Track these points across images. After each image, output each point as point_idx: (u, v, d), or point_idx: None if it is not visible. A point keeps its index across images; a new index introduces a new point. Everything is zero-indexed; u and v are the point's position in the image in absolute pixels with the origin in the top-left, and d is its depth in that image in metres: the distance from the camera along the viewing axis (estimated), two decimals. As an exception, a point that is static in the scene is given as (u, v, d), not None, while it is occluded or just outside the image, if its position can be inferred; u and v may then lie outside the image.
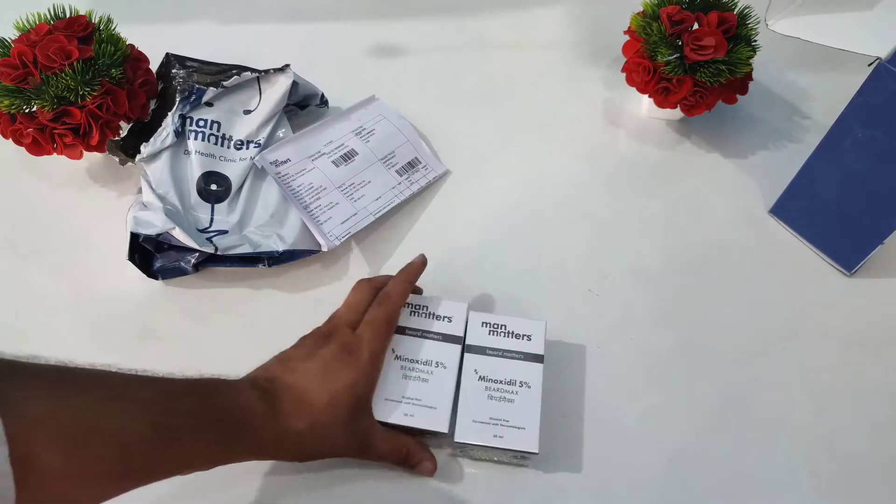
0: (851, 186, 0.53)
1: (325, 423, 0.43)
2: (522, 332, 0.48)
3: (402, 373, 0.47)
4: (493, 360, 0.48)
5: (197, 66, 0.62)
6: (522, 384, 0.47)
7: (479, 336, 0.48)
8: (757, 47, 0.60)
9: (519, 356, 0.48)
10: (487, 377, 0.47)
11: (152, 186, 0.56)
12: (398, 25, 0.75)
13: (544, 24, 0.75)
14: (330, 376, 0.44)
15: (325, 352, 0.45)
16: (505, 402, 0.46)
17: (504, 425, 0.45)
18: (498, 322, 0.49)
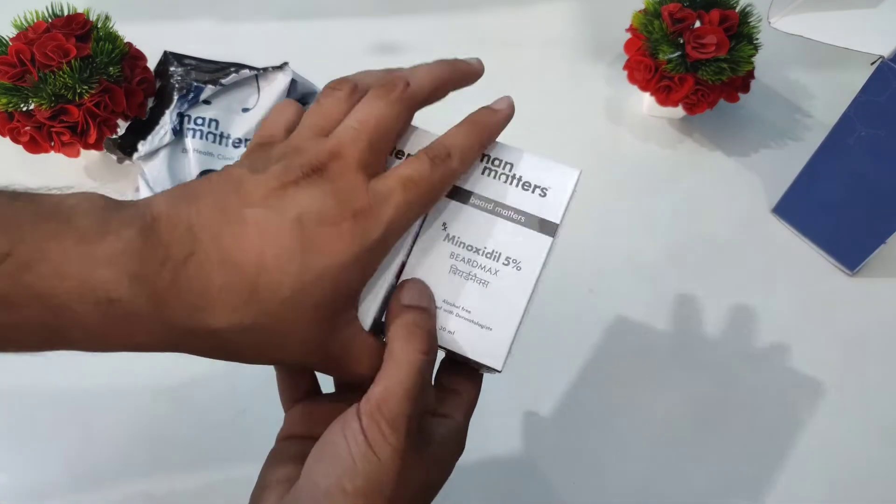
0: (854, 185, 0.52)
1: (279, 323, 0.26)
2: (537, 180, 0.32)
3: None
4: (475, 214, 0.31)
5: (195, 63, 0.62)
6: (511, 262, 0.31)
7: (467, 172, 0.32)
8: (759, 45, 0.59)
9: (519, 217, 0.32)
10: (458, 238, 0.31)
11: (150, 185, 0.56)
12: (398, 23, 0.74)
13: (545, 22, 0.75)
14: (308, 245, 0.26)
15: (304, 197, 0.26)
16: (474, 281, 0.31)
17: (461, 316, 0.31)
18: (501, 156, 0.32)
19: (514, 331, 0.31)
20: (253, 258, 0.26)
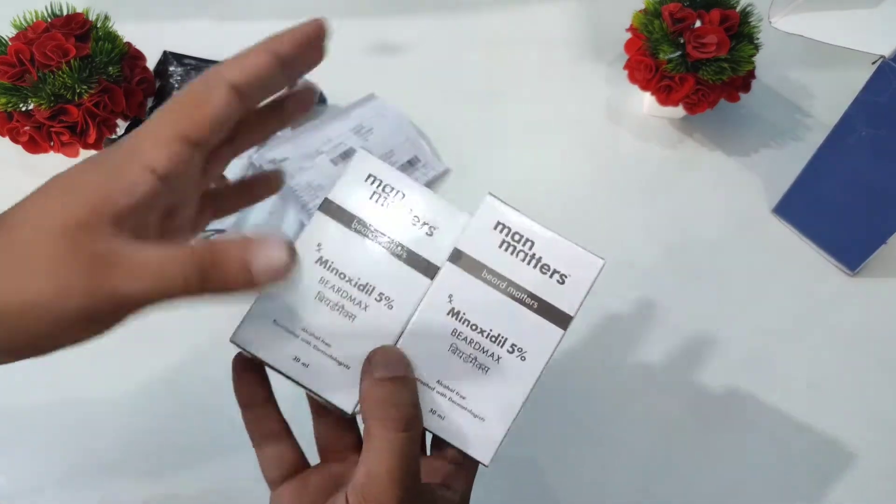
0: (855, 185, 0.52)
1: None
2: (558, 265, 0.29)
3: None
4: (485, 291, 0.29)
5: (194, 63, 0.61)
6: (516, 350, 0.28)
7: (482, 243, 0.29)
8: (759, 45, 0.59)
9: (532, 303, 0.29)
10: (464, 315, 0.28)
11: (150, 185, 0.56)
12: (398, 23, 0.74)
13: (545, 22, 0.75)
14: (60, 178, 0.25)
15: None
16: (474, 365, 0.28)
17: (455, 402, 0.28)
18: (523, 231, 0.29)
19: (507, 426, 0.28)
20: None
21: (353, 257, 0.29)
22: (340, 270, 0.29)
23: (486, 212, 0.30)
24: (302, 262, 0.28)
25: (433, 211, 0.30)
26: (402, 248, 0.29)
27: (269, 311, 0.28)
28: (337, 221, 0.29)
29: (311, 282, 0.29)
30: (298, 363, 0.28)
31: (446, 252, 0.29)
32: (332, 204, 0.29)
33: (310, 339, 0.28)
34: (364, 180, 0.30)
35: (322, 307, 0.28)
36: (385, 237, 0.29)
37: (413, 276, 0.29)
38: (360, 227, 0.29)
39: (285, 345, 0.28)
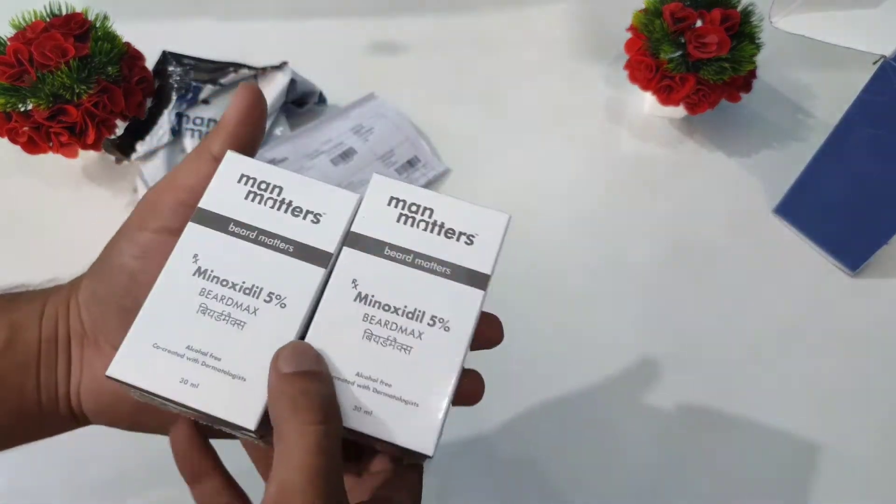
0: (856, 186, 0.52)
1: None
2: (462, 226, 0.28)
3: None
4: (391, 268, 0.27)
5: (194, 63, 0.61)
6: (437, 322, 0.26)
7: (377, 221, 0.28)
8: (761, 45, 0.59)
9: (444, 270, 0.27)
10: (372, 297, 0.27)
11: (148, 185, 0.56)
12: (397, 22, 0.74)
13: (545, 21, 0.75)
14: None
15: None
16: (394, 348, 0.26)
17: (380, 392, 0.25)
18: (420, 201, 0.28)
19: (445, 405, 0.25)
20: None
21: (235, 262, 0.27)
22: (222, 278, 0.26)
23: (375, 190, 0.28)
24: (177, 277, 0.26)
25: (316, 198, 0.28)
26: (288, 242, 0.27)
27: (147, 336, 0.26)
28: (212, 228, 0.27)
29: (191, 295, 0.26)
30: (186, 385, 0.25)
31: (337, 236, 0.27)
32: (203, 212, 0.27)
33: (196, 356, 0.25)
34: (237, 182, 0.28)
35: (206, 320, 0.26)
36: (267, 235, 0.27)
37: (304, 268, 0.27)
38: (239, 229, 0.27)
39: (169, 368, 0.25)
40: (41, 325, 0.29)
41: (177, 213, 0.28)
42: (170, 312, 0.26)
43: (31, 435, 0.29)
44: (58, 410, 0.29)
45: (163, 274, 0.26)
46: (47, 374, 0.28)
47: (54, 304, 0.29)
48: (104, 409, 0.29)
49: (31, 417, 0.28)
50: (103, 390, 0.28)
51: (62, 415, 0.29)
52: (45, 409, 0.28)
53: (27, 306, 0.29)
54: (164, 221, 0.28)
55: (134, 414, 0.29)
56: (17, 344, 0.28)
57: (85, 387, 0.28)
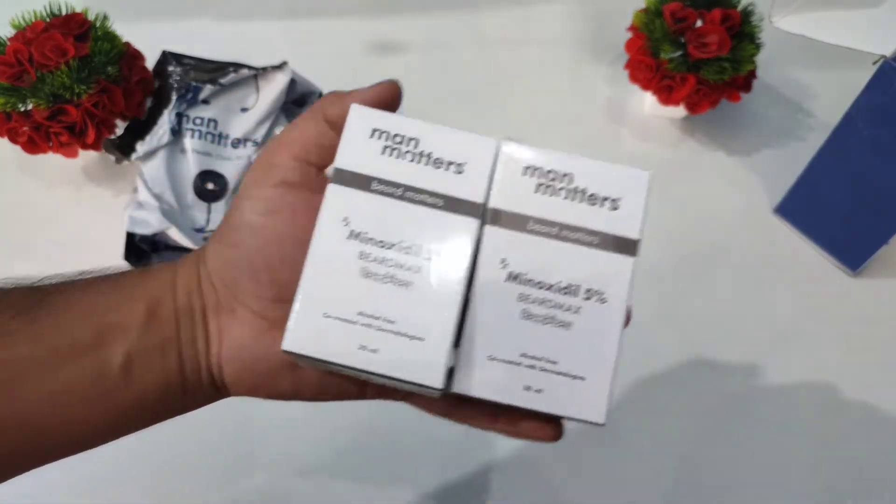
0: (856, 186, 0.52)
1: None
2: (604, 190, 0.27)
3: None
4: (538, 243, 0.26)
5: (194, 63, 0.61)
6: (593, 294, 0.26)
7: (515, 192, 0.27)
8: (761, 44, 0.59)
9: (591, 239, 0.26)
10: (524, 276, 0.26)
11: (148, 185, 0.55)
12: (397, 22, 0.74)
13: (545, 21, 0.75)
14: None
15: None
16: (554, 325, 0.26)
17: (547, 370, 0.26)
18: (557, 167, 0.27)
19: (611, 375, 0.26)
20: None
21: (387, 221, 0.26)
22: (378, 239, 0.26)
23: (508, 160, 0.27)
24: (331, 243, 0.26)
25: (455, 147, 0.27)
26: (436, 197, 0.26)
27: (315, 305, 0.26)
28: (355, 189, 0.27)
29: (351, 259, 0.26)
30: (366, 351, 0.25)
31: (483, 184, 0.26)
32: (342, 172, 0.27)
33: (370, 321, 0.26)
34: (369, 137, 0.27)
35: (371, 283, 0.26)
36: (413, 191, 0.26)
37: (458, 220, 0.26)
38: (383, 187, 0.27)
39: (345, 336, 0.25)
40: (176, 298, 0.28)
41: (293, 168, 0.28)
42: (333, 280, 0.26)
43: (176, 410, 0.29)
44: (201, 383, 0.28)
45: (315, 241, 0.26)
46: (188, 349, 0.28)
47: (184, 276, 0.29)
48: (244, 378, 0.28)
49: (175, 393, 0.28)
50: (244, 358, 0.28)
51: (205, 387, 0.29)
52: (188, 383, 0.28)
53: (159, 281, 0.28)
54: (283, 176, 0.28)
55: (272, 380, 0.28)
56: (156, 320, 0.27)
57: (225, 357, 0.28)
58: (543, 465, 0.48)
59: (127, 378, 0.27)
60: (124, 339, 0.27)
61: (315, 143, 0.28)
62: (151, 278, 0.29)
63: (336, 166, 0.27)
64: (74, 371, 0.26)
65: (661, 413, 0.50)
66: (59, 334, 0.26)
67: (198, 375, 0.28)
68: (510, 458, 0.49)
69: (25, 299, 0.27)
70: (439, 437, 0.49)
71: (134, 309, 0.27)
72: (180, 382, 0.28)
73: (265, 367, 0.28)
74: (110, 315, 0.27)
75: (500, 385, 0.26)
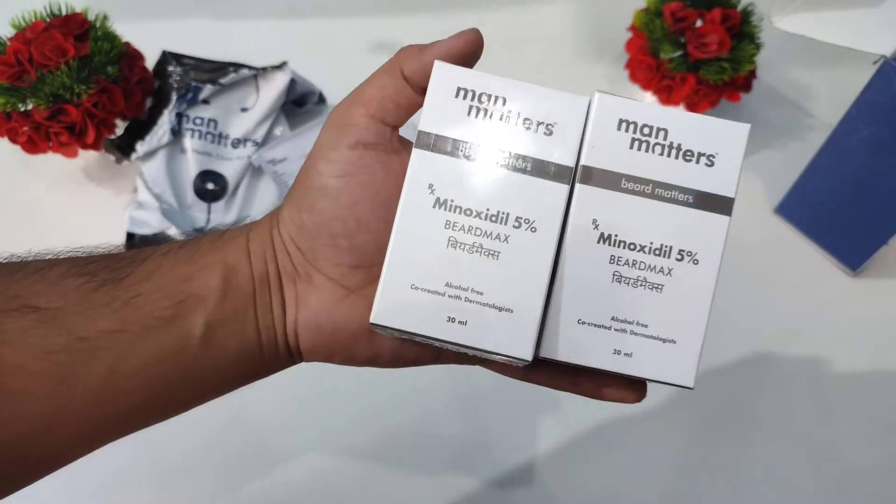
0: (857, 186, 0.52)
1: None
2: (701, 145, 0.26)
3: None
4: (631, 203, 0.25)
5: (194, 63, 0.61)
6: (685, 255, 0.25)
7: (609, 150, 0.26)
8: (761, 44, 0.59)
9: (686, 198, 0.26)
10: (617, 237, 0.25)
11: (148, 185, 0.56)
12: (397, 22, 0.74)
13: (545, 21, 0.75)
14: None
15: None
16: (646, 287, 0.25)
17: (637, 333, 0.26)
18: (653, 121, 0.26)
19: (701, 339, 0.26)
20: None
21: (473, 187, 0.25)
22: (465, 207, 0.25)
23: (602, 113, 0.25)
24: (417, 212, 0.25)
25: (545, 106, 0.26)
26: (524, 160, 0.25)
27: (402, 277, 0.25)
28: (440, 153, 0.25)
29: (437, 229, 0.25)
30: (455, 323, 0.25)
31: (574, 148, 0.25)
32: (427, 136, 0.26)
33: (458, 292, 0.25)
34: (455, 97, 0.26)
35: (459, 254, 0.25)
36: (500, 153, 0.25)
37: (546, 186, 0.25)
38: (469, 150, 0.25)
39: (433, 308, 0.25)
40: (251, 265, 0.28)
41: (369, 128, 0.27)
42: (419, 250, 0.25)
43: (252, 377, 0.29)
44: (277, 351, 0.28)
45: (401, 210, 0.25)
46: (264, 317, 0.27)
47: (259, 241, 0.28)
48: (321, 345, 0.28)
49: (252, 360, 0.28)
50: (321, 326, 0.27)
51: (281, 354, 0.28)
52: (265, 351, 0.28)
53: (234, 247, 0.28)
54: (358, 136, 0.27)
55: (349, 348, 0.28)
56: (233, 288, 0.27)
57: (302, 324, 0.28)
58: (543, 464, 0.48)
59: (207, 348, 0.27)
60: (203, 309, 0.26)
61: (392, 102, 0.27)
62: (226, 244, 0.28)
63: (421, 129, 0.26)
64: (156, 344, 0.26)
65: (660, 413, 0.50)
66: (140, 307, 0.26)
67: (274, 343, 0.28)
68: (510, 461, 0.49)
69: (105, 269, 0.27)
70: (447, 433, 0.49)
71: (210, 277, 0.27)
72: (258, 350, 0.28)
73: (343, 336, 0.28)
74: (188, 285, 0.27)
75: (588, 349, 0.25)
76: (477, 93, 0.26)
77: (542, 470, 0.48)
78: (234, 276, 0.27)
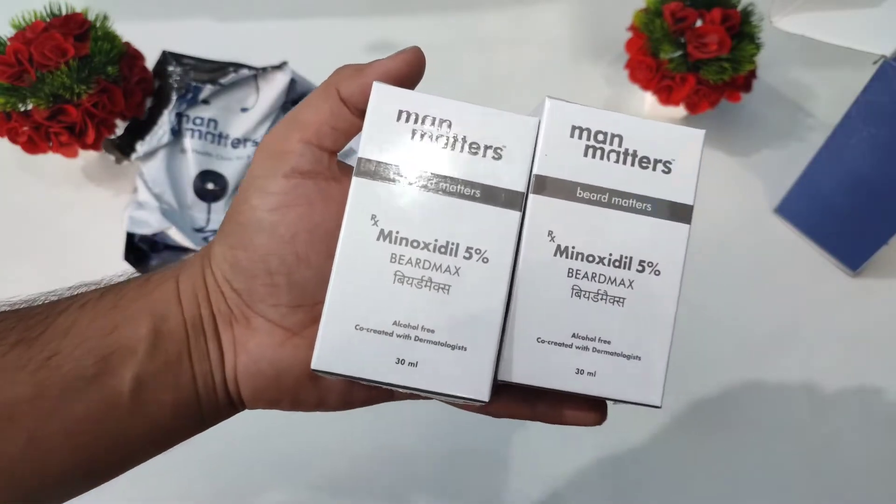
0: (856, 186, 0.52)
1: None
2: (657, 151, 0.25)
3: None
4: (588, 212, 0.24)
5: (194, 63, 0.61)
6: (646, 266, 0.24)
7: (563, 158, 0.25)
8: (761, 44, 0.59)
9: (644, 206, 0.25)
10: (573, 249, 0.24)
11: (148, 185, 0.55)
12: (397, 22, 0.74)
13: (545, 21, 0.75)
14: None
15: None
16: (607, 301, 0.24)
17: (600, 350, 0.24)
18: (608, 127, 0.25)
19: (667, 353, 0.24)
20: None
21: (420, 217, 0.24)
22: (411, 238, 0.24)
23: (553, 120, 0.25)
24: (360, 245, 0.23)
25: (493, 128, 0.25)
26: (473, 186, 0.24)
27: (345, 318, 0.23)
28: (382, 181, 0.24)
29: (382, 263, 0.23)
30: (404, 365, 0.23)
31: (525, 171, 0.24)
32: (368, 162, 0.24)
33: (407, 331, 0.23)
34: (396, 120, 0.24)
35: (407, 289, 0.23)
36: (447, 180, 0.24)
37: (497, 213, 0.24)
38: (414, 177, 0.24)
39: (380, 349, 0.23)
40: (183, 311, 0.26)
41: (304, 155, 0.25)
42: (363, 287, 0.23)
43: (192, 430, 0.27)
44: (217, 400, 0.26)
45: (342, 244, 0.24)
46: (200, 365, 0.26)
47: (189, 282, 0.26)
48: (264, 393, 0.26)
49: (190, 413, 0.26)
50: (262, 372, 0.26)
51: (221, 404, 0.26)
52: (203, 402, 0.26)
53: (161, 292, 0.26)
54: (293, 164, 0.25)
55: (294, 394, 0.26)
56: (164, 337, 0.25)
57: (242, 371, 0.26)
58: (542, 466, 0.48)
59: (139, 404, 0.25)
60: (131, 363, 0.24)
61: (330, 126, 0.25)
62: (154, 290, 0.26)
63: (360, 155, 0.24)
64: (80, 406, 0.24)
65: (657, 412, 0.50)
66: (58, 367, 0.24)
67: (213, 392, 0.26)
68: (506, 457, 0.49)
69: (15, 329, 0.25)
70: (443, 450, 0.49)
71: (138, 327, 0.25)
72: (195, 401, 0.26)
73: (287, 381, 0.26)
74: (113, 337, 0.25)
75: (549, 370, 0.24)
76: (420, 116, 0.24)
77: (541, 469, 0.48)
78: (163, 324, 0.25)
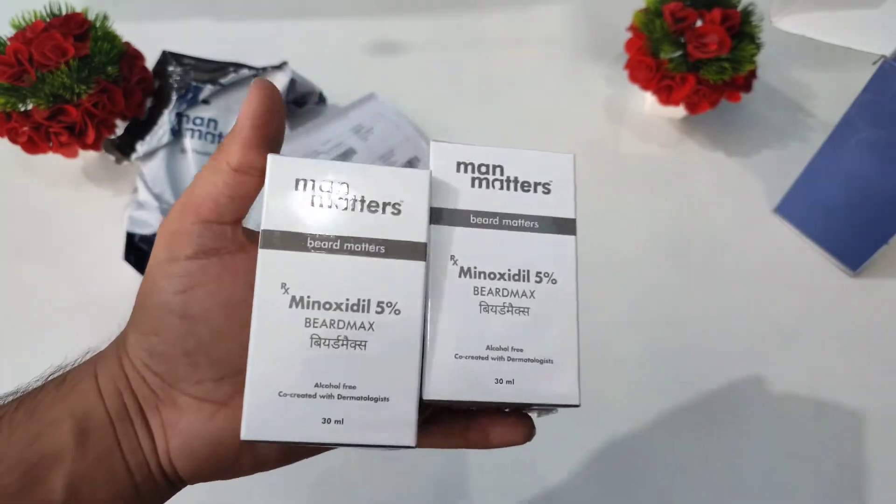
0: (856, 186, 0.52)
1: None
2: (535, 176, 0.28)
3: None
4: (483, 235, 0.27)
5: (194, 63, 0.61)
6: (543, 277, 0.27)
7: (453, 191, 0.27)
8: (761, 44, 0.59)
9: (531, 224, 0.27)
10: (475, 269, 0.26)
11: (148, 185, 0.56)
12: (397, 22, 0.74)
13: (545, 21, 0.75)
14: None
15: None
16: (513, 313, 0.26)
17: (515, 359, 0.26)
18: (487, 160, 0.28)
19: (576, 354, 0.26)
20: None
21: (329, 279, 0.25)
22: (323, 301, 0.25)
23: (439, 159, 0.27)
24: (273, 315, 0.24)
25: (388, 185, 0.26)
26: (377, 243, 0.25)
27: (267, 386, 0.24)
28: (288, 250, 0.25)
29: (298, 329, 0.24)
30: (331, 423, 0.24)
31: (424, 221, 0.26)
32: (271, 234, 0.25)
33: (330, 391, 0.24)
34: (294, 189, 0.25)
35: (324, 350, 0.25)
36: (351, 240, 0.25)
37: (404, 266, 0.25)
38: (318, 242, 0.25)
39: (306, 412, 0.24)
40: (105, 405, 0.25)
41: (204, 234, 0.25)
42: (281, 355, 0.24)
43: None
44: (156, 486, 0.26)
45: (255, 316, 0.24)
46: (133, 454, 0.25)
47: (107, 373, 0.26)
48: (201, 469, 0.26)
49: (130, 502, 0.26)
50: (196, 450, 0.26)
51: (161, 488, 0.26)
52: (142, 491, 0.26)
53: (80, 388, 0.26)
54: (195, 245, 0.25)
55: (231, 463, 0.26)
56: (90, 434, 0.25)
57: (175, 452, 0.26)
58: (541, 465, 0.48)
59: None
60: (60, 469, 0.24)
61: (226, 197, 0.25)
62: (71, 391, 0.25)
63: (264, 228, 0.25)
64: None
65: (659, 413, 0.50)
66: None
67: (150, 479, 0.26)
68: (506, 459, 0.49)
69: None
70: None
71: (60, 432, 0.24)
72: (133, 492, 0.25)
73: (222, 452, 0.26)
74: (36, 447, 0.24)
75: (470, 383, 0.25)
76: (316, 182, 0.25)
77: (539, 469, 0.48)
78: (88, 421, 0.25)
